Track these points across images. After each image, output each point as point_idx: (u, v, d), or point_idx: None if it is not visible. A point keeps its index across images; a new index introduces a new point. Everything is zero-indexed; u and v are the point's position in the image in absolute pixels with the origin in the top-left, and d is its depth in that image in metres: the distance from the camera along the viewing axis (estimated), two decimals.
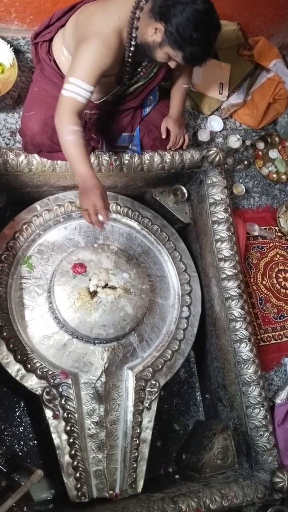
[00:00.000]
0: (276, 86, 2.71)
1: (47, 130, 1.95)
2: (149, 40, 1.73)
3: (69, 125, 1.71)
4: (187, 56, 1.71)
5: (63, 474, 1.82)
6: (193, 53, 1.69)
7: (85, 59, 1.69)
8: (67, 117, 1.71)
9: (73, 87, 1.69)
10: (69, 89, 1.70)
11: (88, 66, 1.69)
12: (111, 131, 2.10)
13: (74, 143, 1.72)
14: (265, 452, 2.06)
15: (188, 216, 2.41)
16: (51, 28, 1.98)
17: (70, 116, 1.71)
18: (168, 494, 1.86)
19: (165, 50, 1.73)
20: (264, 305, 2.55)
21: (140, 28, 1.73)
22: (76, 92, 1.69)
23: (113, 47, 1.71)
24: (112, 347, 1.98)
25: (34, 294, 1.99)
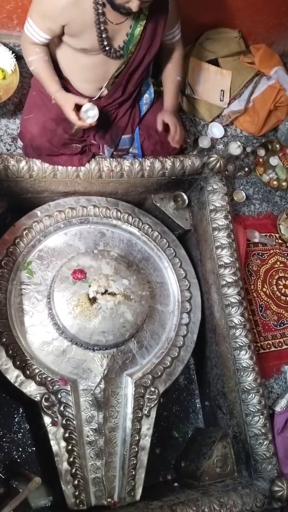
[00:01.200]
0: (277, 93, 2.72)
1: (46, 132, 1.96)
2: None
3: (30, 56, 1.92)
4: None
5: (61, 481, 1.81)
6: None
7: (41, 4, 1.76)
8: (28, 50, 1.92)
9: (30, 28, 1.83)
10: (28, 28, 1.85)
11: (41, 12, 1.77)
12: (111, 134, 2.10)
13: (38, 67, 1.92)
14: (264, 460, 2.05)
15: (189, 222, 2.41)
16: None
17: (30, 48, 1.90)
18: (167, 502, 1.85)
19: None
20: (264, 312, 2.55)
21: None
22: (33, 34, 1.84)
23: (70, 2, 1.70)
24: (112, 353, 1.98)
25: (34, 300, 1.99)
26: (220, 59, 2.73)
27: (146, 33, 1.89)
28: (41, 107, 1.97)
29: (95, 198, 2.23)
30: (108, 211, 2.23)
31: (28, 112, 2.03)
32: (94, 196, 2.24)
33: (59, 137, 1.98)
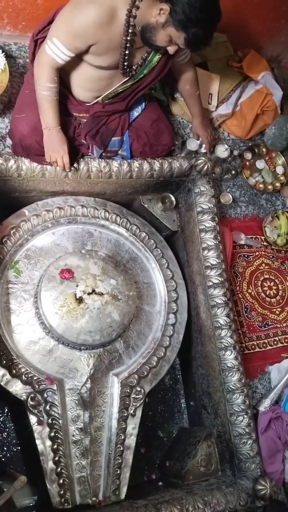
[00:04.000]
0: (264, 98, 2.76)
1: (37, 133, 1.97)
2: (152, 21, 1.74)
3: (46, 82, 1.86)
4: (189, 38, 1.72)
5: (47, 481, 1.81)
6: (196, 35, 1.71)
7: (73, 23, 1.73)
8: (45, 73, 1.85)
9: (55, 48, 1.78)
10: (52, 49, 1.79)
11: (73, 31, 1.74)
12: (101, 135, 2.11)
13: (48, 98, 1.89)
14: (248, 459, 2.08)
15: (176, 224, 2.43)
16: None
17: (48, 72, 1.85)
18: (151, 501, 1.86)
19: (168, 31, 1.74)
20: (249, 314, 2.57)
21: (142, 10, 1.73)
22: (57, 54, 1.80)
23: (103, 20, 1.71)
24: (98, 353, 1.98)
25: (21, 299, 1.99)
26: (208, 62, 2.76)
27: (161, 60, 1.97)
28: (34, 107, 1.97)
29: (83, 198, 2.24)
30: (96, 211, 2.23)
31: (20, 111, 2.02)
32: (83, 196, 2.24)
33: None
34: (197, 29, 1.69)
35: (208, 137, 2.47)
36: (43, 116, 1.93)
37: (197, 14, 1.66)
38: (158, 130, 2.23)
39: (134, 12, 1.73)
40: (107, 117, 2.12)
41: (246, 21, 2.70)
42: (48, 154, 1.98)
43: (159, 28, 1.74)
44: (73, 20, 1.73)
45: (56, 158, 1.98)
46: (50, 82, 1.86)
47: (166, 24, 1.72)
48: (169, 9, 1.68)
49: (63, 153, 1.98)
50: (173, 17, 1.69)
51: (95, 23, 1.71)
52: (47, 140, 1.96)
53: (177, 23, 1.69)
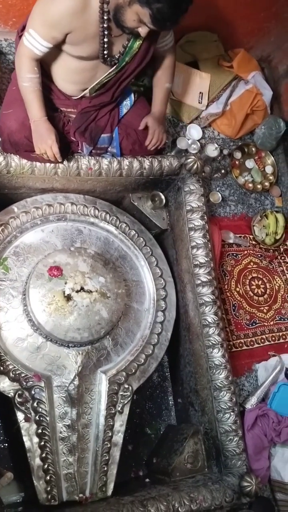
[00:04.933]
0: (254, 98, 2.78)
1: (25, 129, 1.96)
2: (120, 1, 1.70)
3: (26, 73, 1.85)
4: (154, 14, 1.66)
5: (34, 477, 1.81)
6: (161, 10, 1.64)
7: (47, 12, 1.71)
8: (25, 65, 1.84)
9: (32, 40, 1.78)
10: (29, 40, 1.78)
11: (48, 21, 1.72)
12: (90, 132, 2.11)
13: (30, 89, 1.88)
14: (234, 456, 2.09)
15: (166, 222, 2.44)
16: None
17: (28, 64, 1.84)
18: (138, 497, 1.87)
19: (134, 8, 1.68)
20: (237, 312, 2.60)
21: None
22: (34, 45, 1.79)
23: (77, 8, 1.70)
24: (86, 350, 1.99)
25: (9, 296, 1.99)
26: (199, 61, 2.78)
27: (142, 46, 1.93)
28: (21, 103, 1.96)
29: (73, 195, 2.24)
30: (86, 208, 2.23)
31: (8, 107, 2.02)
32: (72, 193, 2.24)
33: None
34: (161, 4, 1.63)
35: (155, 132, 2.21)
36: (28, 108, 1.92)
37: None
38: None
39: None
40: (96, 113, 2.11)
41: (237, 21, 2.72)
42: (37, 147, 1.96)
43: (126, 7, 1.70)
44: (47, 10, 1.72)
45: (46, 150, 1.96)
46: (30, 73, 1.85)
47: (131, 1, 1.67)
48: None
49: (51, 142, 1.94)
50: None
51: (69, 11, 1.70)
52: (35, 132, 1.95)
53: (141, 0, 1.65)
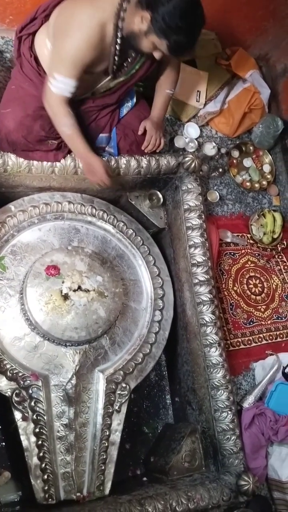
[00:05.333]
0: (252, 96, 2.78)
1: (23, 129, 1.96)
2: (135, 29, 1.75)
3: (63, 118, 1.89)
4: (172, 45, 1.74)
5: (31, 476, 1.81)
6: (178, 42, 1.73)
7: (69, 54, 1.74)
8: (60, 111, 1.87)
9: (59, 84, 1.79)
10: (56, 86, 1.80)
11: (71, 62, 1.76)
12: (89, 132, 2.11)
13: (70, 131, 1.92)
14: (231, 455, 2.10)
15: (163, 221, 2.44)
16: (36, 21, 1.97)
17: (62, 109, 1.86)
18: (135, 496, 1.87)
19: (150, 38, 1.75)
20: (235, 311, 2.60)
21: (126, 18, 1.75)
22: (63, 88, 1.80)
23: (95, 42, 1.74)
24: (84, 349, 1.99)
25: (6, 295, 1.98)
26: (197, 60, 2.77)
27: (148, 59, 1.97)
28: (20, 103, 1.96)
29: (70, 194, 2.23)
30: (83, 207, 2.23)
31: (6, 106, 2.01)
32: (69, 192, 2.24)
33: (36, 134, 1.98)
34: (179, 36, 1.71)
35: (153, 137, 2.23)
36: (73, 148, 1.99)
37: (177, 22, 1.67)
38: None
39: (121, 25, 1.76)
40: (97, 113, 2.11)
41: (235, 19, 2.71)
42: (90, 179, 2.08)
43: (142, 36, 1.77)
44: (68, 51, 1.74)
45: (98, 182, 2.06)
46: (67, 116, 1.88)
47: (148, 32, 1.74)
48: (150, 17, 1.70)
49: (102, 173, 2.00)
50: (154, 25, 1.70)
51: (89, 46, 1.73)
52: (85, 165, 2.03)
53: (158, 31, 1.71)
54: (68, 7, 1.79)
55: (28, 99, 1.96)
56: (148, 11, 1.69)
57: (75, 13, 1.73)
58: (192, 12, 1.70)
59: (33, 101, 1.95)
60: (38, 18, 1.96)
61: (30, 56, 1.98)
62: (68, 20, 1.74)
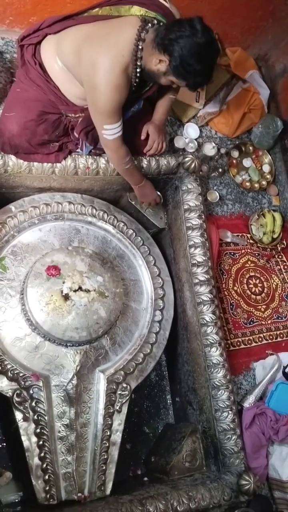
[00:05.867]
0: (251, 97, 2.78)
1: (26, 133, 1.96)
2: (153, 68, 1.82)
3: (124, 158, 2.02)
4: (190, 84, 1.84)
5: (32, 476, 1.81)
6: (197, 82, 1.83)
7: (108, 108, 1.83)
8: (120, 153, 2.00)
9: (111, 131, 1.90)
10: (109, 134, 1.91)
11: (113, 111, 1.85)
12: (94, 132, 2.11)
13: (131, 168, 2.09)
14: (232, 455, 2.10)
15: (163, 221, 2.44)
16: (39, 32, 1.98)
17: (122, 151, 2.00)
18: (137, 496, 1.87)
19: (169, 78, 1.84)
20: (235, 311, 2.60)
21: (144, 56, 1.81)
22: (116, 132, 1.91)
23: (124, 85, 1.82)
24: (84, 350, 1.99)
25: (7, 295, 1.98)
26: None
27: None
28: (24, 107, 1.96)
29: (70, 194, 2.24)
30: (83, 208, 2.23)
31: (10, 109, 2.01)
32: (70, 192, 2.24)
33: (39, 138, 1.99)
34: (197, 78, 1.79)
35: (155, 141, 2.24)
36: (131, 178, 2.14)
37: (195, 67, 1.74)
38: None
39: (139, 62, 1.81)
40: None
41: (234, 19, 2.71)
42: (141, 201, 2.30)
43: (161, 75, 1.84)
44: (105, 105, 1.81)
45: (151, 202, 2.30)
46: (127, 156, 2.03)
47: (167, 73, 1.81)
48: (168, 61, 1.75)
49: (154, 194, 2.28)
50: (172, 69, 1.77)
51: (120, 92, 1.81)
52: (140, 192, 2.23)
53: (177, 75, 1.79)
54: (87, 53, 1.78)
55: (32, 103, 1.97)
56: (166, 55, 1.75)
57: (97, 65, 1.74)
58: (207, 54, 1.75)
59: (38, 105, 1.96)
60: (42, 31, 1.97)
61: (35, 63, 1.98)
62: (93, 72, 1.76)
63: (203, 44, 1.70)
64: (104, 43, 1.76)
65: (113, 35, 1.78)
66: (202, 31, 1.69)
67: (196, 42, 1.69)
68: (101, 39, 1.78)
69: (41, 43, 1.99)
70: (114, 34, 1.79)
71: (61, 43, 1.91)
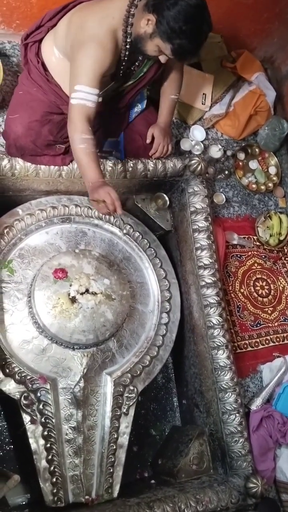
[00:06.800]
0: (258, 99, 2.77)
1: (31, 133, 1.96)
2: (141, 32, 1.77)
3: (80, 134, 1.78)
4: (175, 49, 1.74)
5: (40, 479, 1.81)
6: (182, 46, 1.73)
7: (86, 64, 1.74)
8: (78, 125, 1.78)
9: (80, 93, 1.75)
10: (76, 97, 1.75)
11: (90, 71, 1.74)
12: (98, 136, 2.11)
13: (85, 151, 1.79)
14: (239, 457, 2.10)
15: (169, 223, 2.44)
16: (42, 28, 1.98)
17: (81, 124, 1.77)
18: (144, 499, 1.87)
19: (155, 41, 1.76)
20: (242, 313, 2.59)
21: (134, 23, 1.77)
22: (84, 98, 1.75)
23: (110, 48, 1.76)
24: (91, 352, 1.99)
25: (14, 298, 1.99)
26: (202, 62, 2.77)
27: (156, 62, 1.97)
28: (27, 108, 1.97)
29: (77, 197, 2.24)
30: (90, 210, 2.24)
31: (14, 111, 2.02)
32: (76, 195, 2.24)
33: (44, 138, 1.99)
34: (182, 40, 1.71)
35: (161, 144, 2.21)
36: (84, 171, 1.83)
37: (181, 25, 1.67)
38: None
39: (130, 30, 1.78)
40: (108, 118, 2.12)
41: (240, 22, 2.72)
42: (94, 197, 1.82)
43: (147, 39, 1.77)
44: (85, 61, 1.74)
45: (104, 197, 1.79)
46: (84, 133, 1.78)
47: (153, 34, 1.75)
48: (155, 20, 1.71)
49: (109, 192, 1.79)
50: (159, 28, 1.71)
51: (105, 53, 1.75)
52: (92, 192, 1.81)
53: (163, 34, 1.72)
54: (77, 18, 1.80)
55: (35, 104, 1.97)
56: (154, 14, 1.70)
57: (85, 24, 1.75)
58: (197, 17, 1.70)
59: (41, 106, 1.96)
60: (44, 26, 1.97)
61: (38, 62, 1.98)
62: (80, 32, 1.75)
63: (193, 5, 1.66)
64: (95, 7, 1.76)
65: (105, 1, 1.78)
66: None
67: (186, 2, 1.65)
68: (93, 5, 1.78)
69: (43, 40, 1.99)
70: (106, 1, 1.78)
71: (57, 30, 1.92)
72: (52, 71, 1.98)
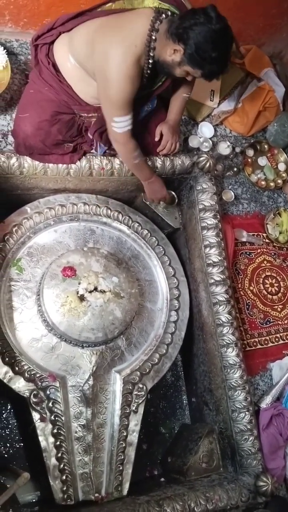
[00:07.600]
0: (267, 95, 2.75)
1: (40, 133, 1.97)
2: (168, 59, 1.80)
3: (133, 152, 2.01)
4: (206, 73, 1.81)
5: (50, 477, 1.82)
6: (212, 70, 1.79)
7: (119, 98, 1.81)
8: (129, 146, 1.98)
9: (121, 123, 1.88)
10: (120, 126, 1.88)
11: (124, 103, 1.83)
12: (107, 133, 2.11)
13: (140, 163, 2.08)
14: (249, 456, 2.09)
15: (178, 221, 2.43)
16: (53, 31, 1.98)
17: (131, 144, 1.98)
18: (154, 497, 1.87)
19: (184, 68, 1.81)
20: (251, 311, 2.58)
21: (157, 47, 1.79)
22: (125, 126, 1.89)
23: (136, 75, 1.80)
24: (100, 350, 1.99)
25: (23, 296, 2.00)
26: None
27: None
28: (37, 107, 1.97)
29: (85, 195, 2.24)
30: (98, 208, 2.24)
31: (23, 110, 2.02)
32: (84, 193, 2.25)
33: (53, 138, 1.99)
34: (213, 65, 1.76)
35: (169, 142, 2.23)
36: (140, 174, 2.13)
37: (210, 54, 1.71)
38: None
39: (152, 53, 1.80)
40: None
41: (249, 17, 2.69)
42: (150, 198, 2.28)
43: (176, 66, 1.81)
44: (116, 95, 1.79)
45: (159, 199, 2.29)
46: (136, 150, 2.00)
47: (182, 63, 1.78)
48: (183, 50, 1.73)
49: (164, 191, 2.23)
50: (187, 57, 1.74)
51: (132, 83, 1.79)
52: (148, 188, 2.20)
53: (192, 63, 1.76)
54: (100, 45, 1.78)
55: (45, 104, 1.97)
56: (180, 44, 1.73)
57: (109, 55, 1.74)
58: (223, 42, 1.73)
59: (51, 105, 1.97)
60: (55, 29, 1.97)
61: (48, 63, 1.98)
62: (105, 64, 1.75)
63: (218, 31, 1.68)
64: (118, 33, 1.76)
65: (126, 26, 1.78)
66: (217, 18, 1.68)
67: (211, 28, 1.67)
68: (114, 29, 1.78)
69: (54, 43, 1.99)
70: (127, 24, 1.78)
71: (74, 39, 1.91)
72: (66, 74, 1.98)
